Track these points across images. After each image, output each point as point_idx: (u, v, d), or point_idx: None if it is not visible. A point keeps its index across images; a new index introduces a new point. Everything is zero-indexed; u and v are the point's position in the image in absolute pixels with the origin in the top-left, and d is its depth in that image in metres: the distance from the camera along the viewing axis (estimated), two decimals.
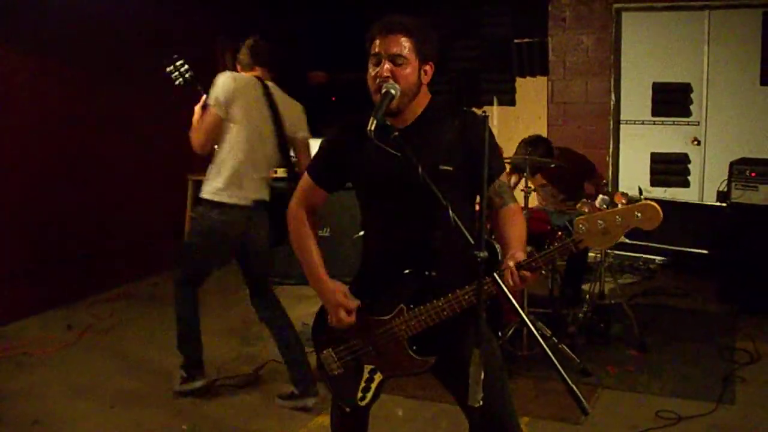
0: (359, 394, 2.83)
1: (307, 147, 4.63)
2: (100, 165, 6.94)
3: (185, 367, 4.70)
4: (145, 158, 7.35)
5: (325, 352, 2.88)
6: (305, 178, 2.91)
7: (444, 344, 2.68)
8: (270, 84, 4.64)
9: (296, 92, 7.07)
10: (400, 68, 2.57)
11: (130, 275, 7.29)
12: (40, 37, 6.36)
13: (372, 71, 2.62)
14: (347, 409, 2.90)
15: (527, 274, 2.45)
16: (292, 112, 4.68)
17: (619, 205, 2.31)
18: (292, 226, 2.91)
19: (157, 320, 6.25)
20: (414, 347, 2.68)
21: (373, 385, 2.82)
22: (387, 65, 2.57)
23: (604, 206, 2.03)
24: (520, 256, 2.50)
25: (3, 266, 6.13)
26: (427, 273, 2.65)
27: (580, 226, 2.36)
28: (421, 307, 2.61)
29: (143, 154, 7.33)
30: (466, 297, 2.51)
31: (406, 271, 2.68)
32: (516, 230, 2.68)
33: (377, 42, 2.61)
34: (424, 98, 2.72)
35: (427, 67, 2.67)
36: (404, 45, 2.58)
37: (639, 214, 2.29)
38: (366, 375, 2.81)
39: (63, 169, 6.62)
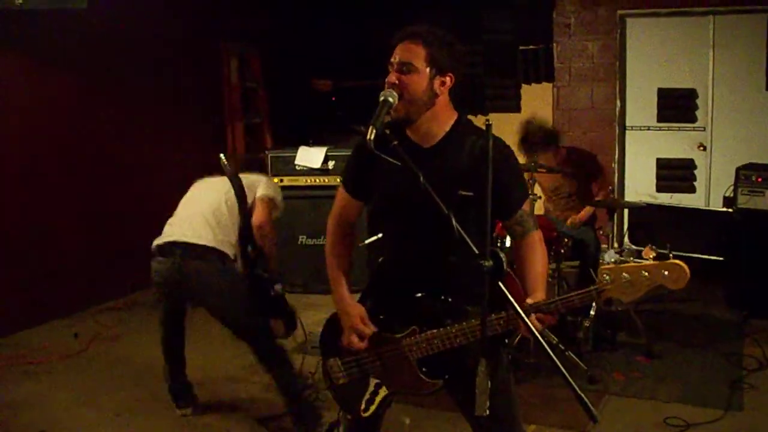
0: (362, 405, 2.83)
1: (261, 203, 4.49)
2: (106, 173, 6.95)
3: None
4: (152, 165, 7.36)
5: (331, 360, 2.87)
6: (339, 188, 2.91)
7: (454, 367, 2.65)
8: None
9: (301, 99, 7.09)
10: (406, 76, 2.54)
11: (136, 284, 7.29)
12: (45, 45, 6.38)
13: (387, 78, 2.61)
14: (349, 416, 2.91)
15: (546, 317, 2.44)
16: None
17: (648, 260, 2.28)
18: (327, 241, 2.93)
19: None
20: (424, 369, 2.66)
21: (378, 398, 2.81)
22: (394, 74, 2.56)
23: (611, 261, 2.01)
24: (539, 297, 2.50)
25: (9, 275, 6.13)
26: (443, 297, 2.64)
27: (605, 276, 2.33)
28: (434, 331, 2.58)
29: (150, 162, 7.34)
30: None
31: (419, 294, 2.66)
32: (538, 266, 2.67)
33: (395, 50, 2.60)
34: (448, 115, 2.67)
35: (446, 79, 2.61)
36: (416, 53, 2.55)
37: (666, 273, 2.26)
38: (371, 388, 2.80)
39: (68, 177, 6.63)
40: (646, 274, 2.28)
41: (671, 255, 2.26)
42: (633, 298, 2.37)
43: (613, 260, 1.96)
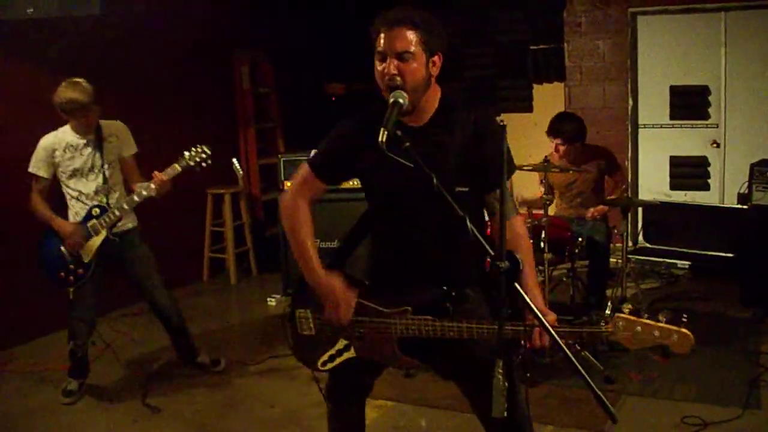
0: (323, 359, 2.84)
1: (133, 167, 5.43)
2: None
3: None
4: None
5: (302, 311, 2.88)
6: (305, 168, 2.85)
7: (435, 352, 2.69)
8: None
9: (313, 104, 6.98)
10: (407, 64, 2.53)
11: None
12: (56, 53, 6.41)
13: (379, 67, 2.58)
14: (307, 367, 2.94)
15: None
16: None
17: (662, 321, 2.41)
18: (287, 215, 2.83)
19: None
20: (402, 345, 2.68)
21: (340, 359, 2.82)
22: (394, 63, 2.53)
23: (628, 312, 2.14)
24: (551, 319, 2.50)
25: (24, 283, 6.15)
26: (445, 288, 2.65)
27: (619, 323, 2.42)
28: (428, 319, 2.59)
29: (162, 168, 7.35)
30: (482, 332, 2.52)
31: (421, 286, 2.69)
32: (530, 273, 2.63)
33: (382, 37, 2.56)
34: (435, 92, 2.67)
35: (435, 59, 2.61)
36: (410, 39, 2.53)
37: (675, 337, 2.39)
38: (339, 346, 2.81)
39: None
40: (657, 333, 2.39)
41: (685, 319, 2.33)
42: (635, 348, 2.47)
43: (628, 310, 2.06)
